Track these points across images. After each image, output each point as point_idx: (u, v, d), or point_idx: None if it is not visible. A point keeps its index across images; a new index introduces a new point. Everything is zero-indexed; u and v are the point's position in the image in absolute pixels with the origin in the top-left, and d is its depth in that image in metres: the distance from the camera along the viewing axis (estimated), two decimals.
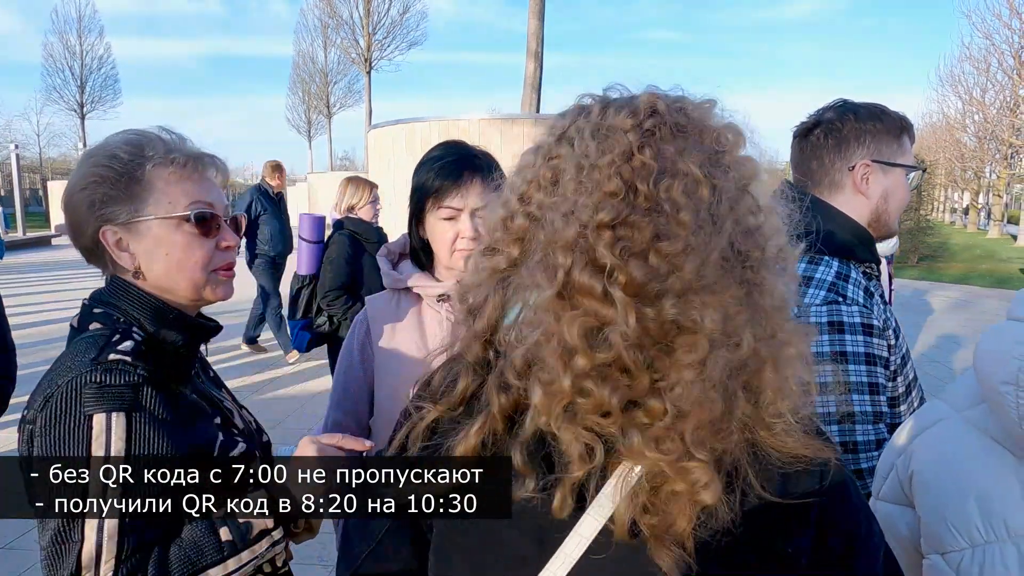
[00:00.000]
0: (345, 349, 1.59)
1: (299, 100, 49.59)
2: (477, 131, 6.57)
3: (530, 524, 0.68)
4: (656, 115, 0.69)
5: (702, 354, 0.61)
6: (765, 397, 0.65)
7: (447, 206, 1.44)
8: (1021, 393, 0.90)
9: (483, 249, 0.75)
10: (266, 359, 7.29)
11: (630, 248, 0.63)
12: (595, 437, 0.63)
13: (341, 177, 6.64)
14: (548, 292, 0.64)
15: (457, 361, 0.76)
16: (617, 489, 0.64)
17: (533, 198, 0.71)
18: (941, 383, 6.18)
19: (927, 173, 18.29)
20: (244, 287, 13.18)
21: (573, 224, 0.65)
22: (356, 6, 38.21)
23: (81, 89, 42.22)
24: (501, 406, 0.68)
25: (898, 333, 1.39)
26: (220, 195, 1.19)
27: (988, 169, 30.44)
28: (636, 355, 0.61)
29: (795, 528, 0.67)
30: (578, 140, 0.70)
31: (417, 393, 0.79)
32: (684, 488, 0.62)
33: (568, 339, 0.62)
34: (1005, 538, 0.95)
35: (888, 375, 1.32)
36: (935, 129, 32.59)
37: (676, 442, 0.61)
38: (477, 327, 0.72)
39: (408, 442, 0.76)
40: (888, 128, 1.40)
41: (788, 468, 0.66)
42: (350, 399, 1.56)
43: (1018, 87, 23.76)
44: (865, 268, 1.40)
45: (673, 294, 0.62)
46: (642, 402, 0.62)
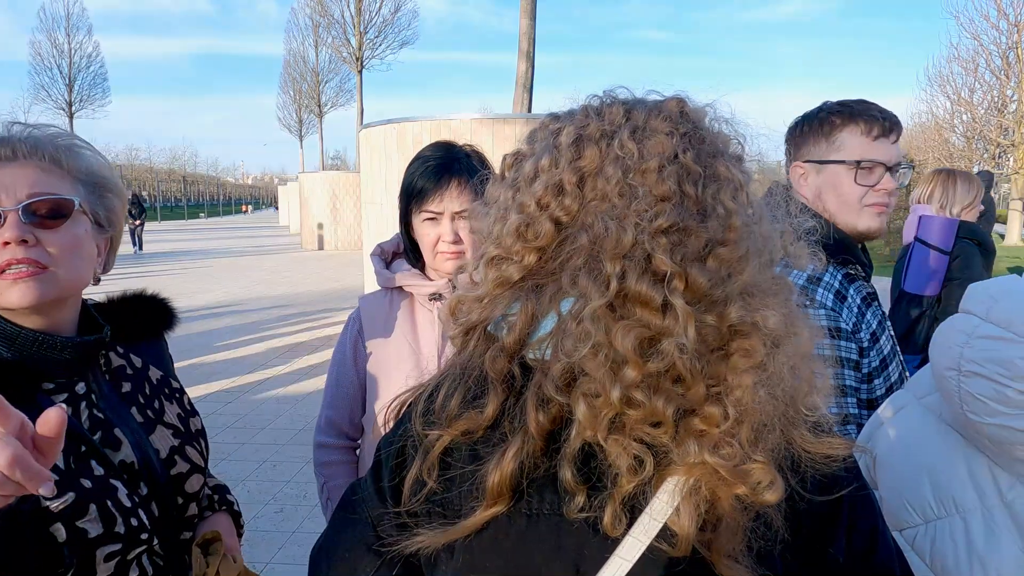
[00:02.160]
0: (338, 348, 1.58)
1: (290, 99, 49.45)
2: (468, 131, 6.55)
3: (568, 548, 0.65)
4: (687, 119, 0.70)
5: (761, 357, 0.61)
6: (801, 391, 0.66)
7: (427, 210, 1.44)
8: (962, 378, 0.95)
9: (488, 260, 0.71)
10: (256, 357, 7.26)
11: (688, 254, 0.62)
12: (645, 448, 0.61)
13: (332, 177, 6.40)
14: (598, 302, 0.62)
15: (462, 378, 0.70)
16: (669, 505, 0.61)
17: (557, 203, 0.68)
18: None
19: (915, 171, 18.35)
20: (209, 291, 12.94)
21: (629, 229, 0.63)
22: (347, 5, 38.09)
23: (69, 88, 41.89)
24: (540, 424, 0.64)
25: (879, 336, 1.38)
26: (15, 183, 0.95)
27: (976, 169, 30.68)
28: (693, 363, 0.60)
29: (835, 529, 0.67)
30: (615, 142, 0.68)
31: (423, 416, 0.72)
32: (746, 491, 0.60)
33: (621, 349, 0.60)
34: (954, 513, 1.00)
35: (860, 377, 1.32)
36: (924, 129, 32.76)
37: (735, 446, 0.60)
38: (507, 341, 0.67)
39: (422, 473, 0.70)
40: (816, 128, 1.42)
41: (823, 468, 0.65)
42: (342, 397, 1.56)
43: (1005, 87, 23.96)
44: (849, 269, 1.40)
45: (737, 298, 0.62)
46: (699, 410, 0.60)
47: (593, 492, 0.63)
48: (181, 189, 64.89)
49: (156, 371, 1.16)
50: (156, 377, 1.15)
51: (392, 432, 0.79)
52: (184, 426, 1.14)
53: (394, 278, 1.54)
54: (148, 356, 1.16)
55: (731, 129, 0.72)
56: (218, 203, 63.79)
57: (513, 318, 0.68)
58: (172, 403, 1.15)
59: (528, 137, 0.78)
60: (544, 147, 0.73)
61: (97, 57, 43.28)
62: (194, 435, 1.15)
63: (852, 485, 0.67)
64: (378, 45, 38.58)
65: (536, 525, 0.66)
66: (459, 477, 0.69)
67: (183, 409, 1.16)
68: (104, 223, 1.07)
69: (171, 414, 1.13)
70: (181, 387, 1.20)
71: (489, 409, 0.66)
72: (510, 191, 0.73)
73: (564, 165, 0.69)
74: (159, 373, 1.16)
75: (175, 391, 1.17)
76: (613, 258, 0.63)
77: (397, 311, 1.54)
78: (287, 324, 9.29)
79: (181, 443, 1.11)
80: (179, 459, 1.09)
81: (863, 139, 1.38)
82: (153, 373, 1.15)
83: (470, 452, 0.68)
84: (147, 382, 1.13)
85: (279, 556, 3.39)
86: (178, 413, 1.14)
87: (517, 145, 0.78)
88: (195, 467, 1.12)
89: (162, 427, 1.10)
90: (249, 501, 4.01)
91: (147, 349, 1.17)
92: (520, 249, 0.69)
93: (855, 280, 1.40)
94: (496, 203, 0.75)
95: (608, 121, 0.71)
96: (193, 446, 1.13)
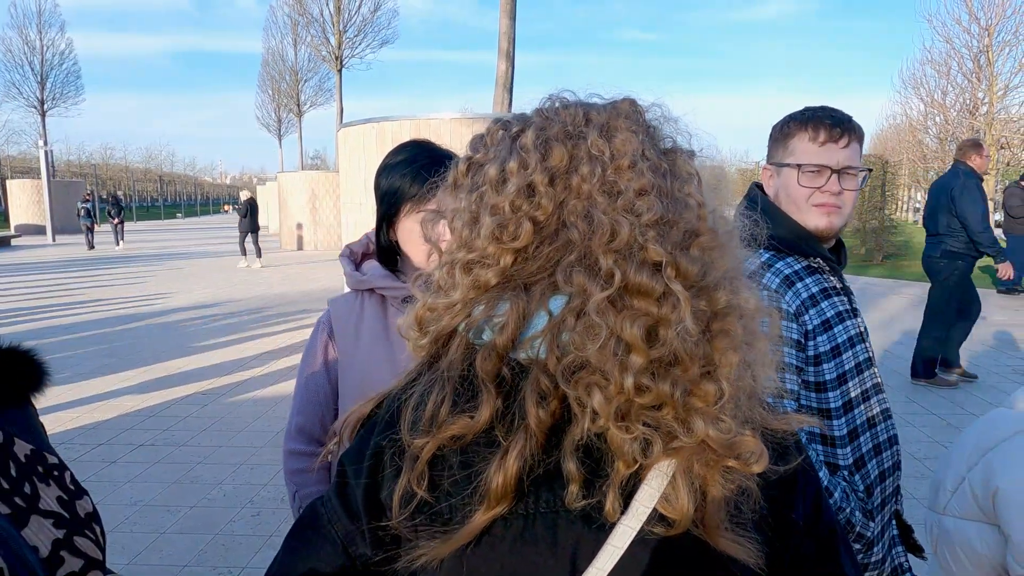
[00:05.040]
0: (307, 353, 1.55)
1: (269, 98, 48.94)
2: (448, 130, 6.54)
3: (564, 544, 0.66)
4: (641, 118, 0.73)
5: (741, 336, 0.66)
6: (758, 369, 0.69)
7: (427, 210, 1.42)
8: None
9: (461, 265, 0.71)
10: (233, 359, 7.18)
11: (675, 245, 0.66)
12: (653, 432, 0.63)
13: (311, 176, 6.43)
14: (600, 295, 0.64)
15: (447, 384, 0.69)
16: (657, 489, 0.64)
17: (531, 203, 0.69)
18: (904, 379, 6.33)
19: (889, 173, 18.72)
20: (187, 292, 12.87)
21: (623, 224, 0.65)
22: (326, 3, 37.79)
23: (41, 85, 41.13)
24: (541, 420, 0.64)
25: (834, 325, 1.44)
26: None
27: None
28: (690, 346, 0.63)
29: (794, 496, 0.72)
30: (587, 142, 0.69)
31: (412, 425, 0.69)
32: (737, 464, 0.64)
33: (628, 339, 0.62)
34: None
35: (804, 358, 1.40)
36: (899, 130, 33.29)
37: (728, 421, 0.64)
38: (498, 341, 0.67)
39: (412, 483, 0.68)
40: (777, 134, 1.55)
41: (782, 441, 0.70)
42: (313, 403, 1.54)
43: (976, 90, 24.41)
44: (811, 263, 1.48)
45: (723, 283, 0.67)
46: (695, 389, 0.63)
47: (595, 481, 0.65)
48: (158, 189, 63.97)
49: (25, 445, 0.91)
50: (24, 453, 0.91)
51: (360, 445, 0.77)
52: (68, 511, 0.92)
53: (368, 280, 1.52)
54: (15, 427, 0.93)
55: (674, 127, 0.75)
56: (196, 203, 62.96)
57: (501, 319, 0.67)
58: (49, 484, 0.92)
59: (474, 143, 0.78)
60: (505, 150, 0.73)
61: (70, 54, 42.57)
62: (83, 521, 0.93)
63: (802, 455, 0.73)
64: (358, 44, 38.34)
65: (533, 525, 0.66)
66: (450, 485, 0.68)
67: (64, 490, 0.93)
68: None
69: (48, 499, 0.90)
70: (60, 461, 0.96)
71: (484, 412, 0.66)
72: (474, 196, 0.73)
73: (534, 165, 0.70)
74: (28, 447, 0.92)
75: (51, 468, 0.93)
76: (608, 252, 0.65)
77: (369, 314, 1.52)
78: (265, 325, 9.19)
79: (67, 534, 0.90)
80: (67, 555, 0.88)
81: (810, 144, 1.48)
82: (20, 448, 0.91)
83: (460, 458, 0.68)
84: (12, 461, 0.89)
85: (256, 560, 3.35)
86: (58, 496, 0.92)
87: (465, 151, 0.78)
88: (91, 562, 0.91)
89: (38, 517, 0.88)
90: (226, 505, 3.96)
91: (15, 418, 0.95)
92: (496, 251, 0.69)
93: (816, 273, 1.48)
94: (457, 210, 0.75)
95: (569, 122, 0.72)
96: (86, 535, 0.92)
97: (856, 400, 1.42)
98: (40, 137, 29.56)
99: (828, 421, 1.39)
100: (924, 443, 4.76)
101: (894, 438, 1.47)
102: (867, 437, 1.42)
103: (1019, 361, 7.04)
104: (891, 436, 1.47)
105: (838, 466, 1.38)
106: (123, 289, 12.78)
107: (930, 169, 30.58)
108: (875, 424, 1.44)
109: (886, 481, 1.44)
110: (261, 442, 4.91)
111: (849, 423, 1.40)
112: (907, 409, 5.47)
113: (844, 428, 1.39)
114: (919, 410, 5.47)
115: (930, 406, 5.57)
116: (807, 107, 1.54)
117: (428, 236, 0.82)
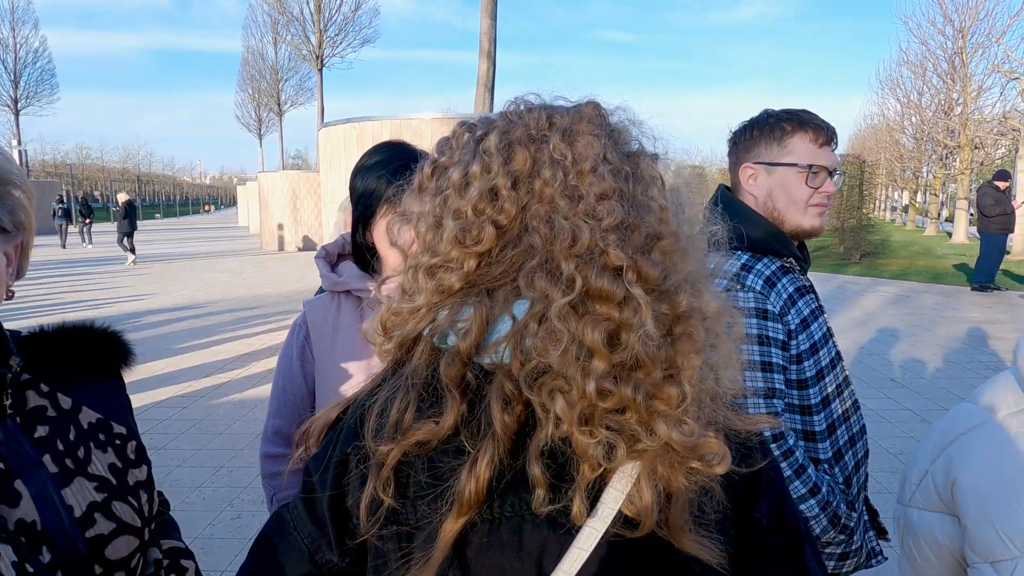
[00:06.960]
0: (283, 355, 1.55)
1: (248, 97, 48.50)
2: (429, 130, 6.53)
3: (530, 548, 0.66)
4: (605, 121, 0.73)
5: (703, 339, 0.66)
6: (722, 371, 0.69)
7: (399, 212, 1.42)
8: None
9: (425, 269, 0.70)
10: (213, 361, 7.11)
11: (636, 249, 0.66)
12: (616, 435, 0.63)
13: (292, 176, 6.41)
14: (561, 301, 0.63)
15: (411, 389, 0.69)
16: (622, 491, 0.64)
17: (494, 207, 0.68)
18: (880, 375, 6.42)
19: (867, 172, 19.02)
20: (165, 293, 12.67)
21: (584, 229, 0.65)
22: (307, 2, 37.53)
23: (15, 83, 40.44)
24: (507, 425, 0.64)
25: (810, 323, 1.47)
26: None
27: (925, 169, 31.71)
28: (652, 350, 0.63)
29: (756, 496, 0.72)
30: (549, 145, 0.69)
31: (375, 432, 0.69)
32: (700, 465, 0.64)
33: (589, 344, 0.62)
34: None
35: (788, 357, 1.42)
36: (876, 130, 33.76)
37: (691, 423, 0.64)
38: (462, 346, 0.66)
39: (378, 491, 0.68)
40: (768, 133, 1.55)
41: (746, 442, 0.70)
42: (289, 406, 1.53)
43: (951, 91, 24.81)
44: (784, 262, 1.50)
45: (684, 286, 0.66)
46: (657, 392, 0.63)
47: (561, 485, 0.64)
48: (135, 189, 63.09)
49: (91, 414, 0.99)
50: (89, 421, 0.98)
51: (325, 452, 0.76)
52: (117, 478, 0.97)
53: (344, 281, 1.52)
54: (86, 398, 1.00)
55: (639, 130, 0.74)
56: (175, 203, 62.17)
57: (465, 324, 0.67)
58: (106, 451, 0.98)
59: (439, 146, 0.78)
60: (469, 154, 0.73)
61: (44, 52, 41.91)
62: (130, 488, 0.98)
63: (768, 457, 0.73)
64: (339, 43, 38.11)
65: (498, 530, 0.66)
66: (417, 491, 0.68)
67: (121, 458, 0.99)
68: (9, 227, 0.92)
69: (100, 464, 0.96)
70: (128, 433, 1.02)
71: (449, 418, 0.65)
72: (438, 200, 0.73)
73: (496, 169, 0.70)
74: (95, 416, 0.99)
75: (114, 436, 1.00)
76: (570, 257, 0.64)
77: (345, 316, 1.51)
78: (245, 327, 9.11)
79: (107, 498, 0.94)
80: (100, 517, 0.92)
81: (811, 145, 1.50)
82: (86, 416, 0.98)
83: (426, 464, 0.67)
84: (73, 426, 0.96)
85: (235, 563, 3.32)
86: (111, 463, 0.97)
87: (431, 154, 0.78)
88: (123, 527, 0.94)
89: (82, 479, 0.93)
90: (205, 508, 3.93)
91: (88, 389, 1.01)
92: (460, 255, 0.69)
93: (789, 272, 1.50)
94: (421, 214, 0.74)
95: (533, 126, 0.72)
96: (127, 502, 0.96)
97: (832, 395, 1.45)
98: (14, 136, 29.06)
99: (809, 417, 1.42)
100: (899, 438, 4.84)
101: (863, 428, 1.52)
102: (843, 430, 1.45)
103: (992, 357, 7.17)
104: (862, 426, 1.51)
105: (819, 460, 1.42)
106: (100, 292, 12.60)
107: (907, 168, 31.03)
108: (848, 417, 1.48)
109: (860, 470, 1.48)
110: (241, 445, 4.87)
111: (827, 417, 1.43)
112: (883, 405, 5.55)
113: (824, 423, 1.43)
114: (894, 406, 5.56)
115: (905, 402, 5.66)
116: (788, 109, 1.56)
117: (394, 240, 0.82)
